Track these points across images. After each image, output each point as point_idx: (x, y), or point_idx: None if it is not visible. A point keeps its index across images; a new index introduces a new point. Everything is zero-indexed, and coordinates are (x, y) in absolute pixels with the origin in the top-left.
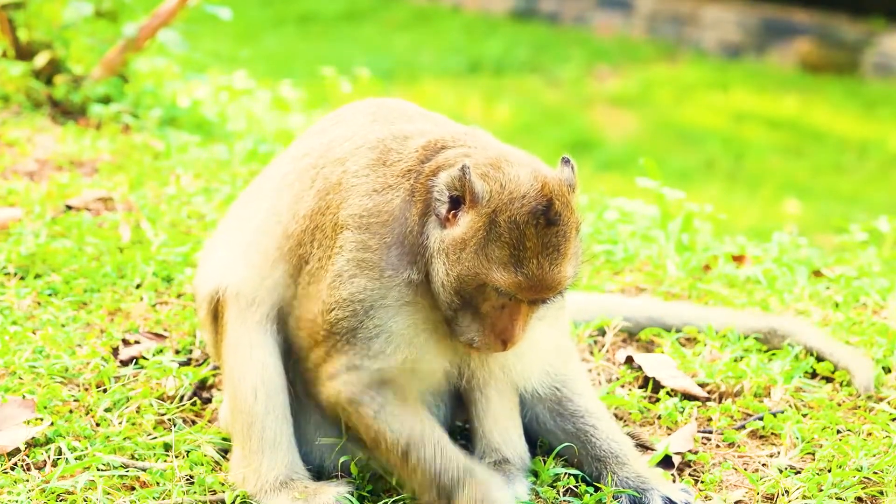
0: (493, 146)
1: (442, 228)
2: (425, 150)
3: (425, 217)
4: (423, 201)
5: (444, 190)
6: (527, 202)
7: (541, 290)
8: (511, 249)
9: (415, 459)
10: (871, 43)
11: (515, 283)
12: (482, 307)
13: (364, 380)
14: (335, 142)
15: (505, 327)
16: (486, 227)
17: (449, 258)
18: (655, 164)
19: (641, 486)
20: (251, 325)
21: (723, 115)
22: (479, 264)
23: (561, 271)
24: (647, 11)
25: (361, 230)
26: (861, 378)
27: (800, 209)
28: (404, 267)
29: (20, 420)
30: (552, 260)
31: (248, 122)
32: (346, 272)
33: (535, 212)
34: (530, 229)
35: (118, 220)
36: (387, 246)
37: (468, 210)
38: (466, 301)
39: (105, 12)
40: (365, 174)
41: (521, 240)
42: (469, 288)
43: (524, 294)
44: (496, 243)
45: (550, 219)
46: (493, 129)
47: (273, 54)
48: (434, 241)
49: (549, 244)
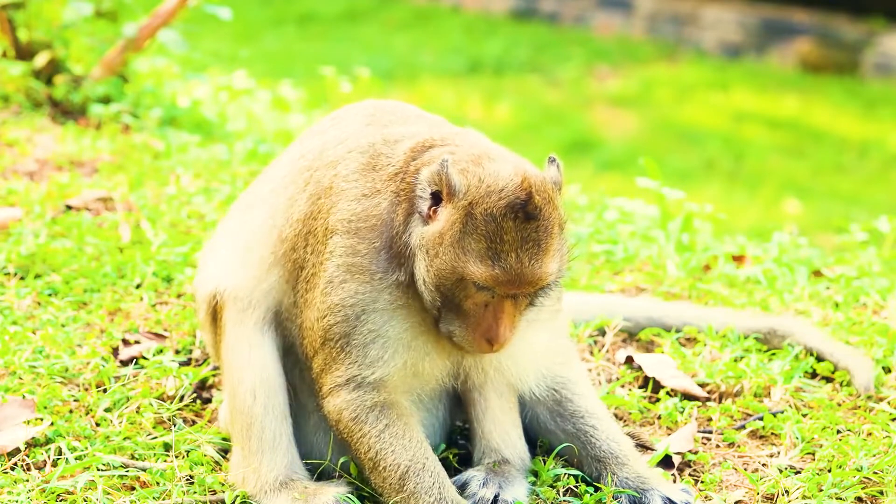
0: (479, 145)
1: (424, 225)
2: (413, 151)
3: (410, 216)
4: (408, 200)
5: (425, 186)
6: (505, 195)
7: (520, 284)
8: (488, 242)
9: (412, 486)
10: (871, 43)
11: (492, 276)
12: (465, 305)
13: (367, 400)
14: (329, 144)
15: (489, 326)
16: (463, 219)
17: (428, 253)
18: (655, 164)
19: (641, 486)
20: (249, 327)
21: (723, 115)
22: (456, 257)
23: (541, 266)
24: (647, 11)
25: (350, 235)
26: (861, 378)
27: (800, 209)
28: (393, 269)
29: (20, 420)
30: (532, 255)
31: (248, 122)
32: (337, 277)
33: (514, 205)
34: (508, 223)
35: (118, 220)
36: (376, 250)
37: (446, 204)
38: (448, 298)
39: (105, 12)
40: (354, 179)
41: (498, 233)
42: (448, 283)
43: (502, 288)
44: (472, 236)
45: (529, 213)
46: (493, 129)
47: (273, 54)
48: (416, 237)
49: (528, 238)
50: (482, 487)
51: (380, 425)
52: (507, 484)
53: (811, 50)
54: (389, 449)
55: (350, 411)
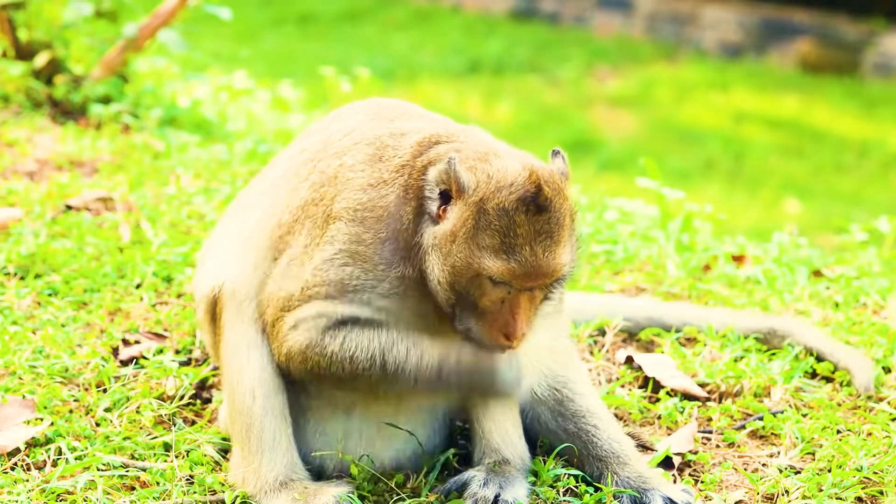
0: (485, 142)
1: (434, 225)
2: (420, 145)
3: (420, 216)
4: (417, 199)
5: (433, 186)
6: (515, 189)
7: (537, 276)
8: (501, 237)
9: (392, 365)
10: (871, 43)
11: (509, 269)
12: (481, 302)
13: (323, 324)
14: (333, 137)
15: (507, 321)
16: (475, 216)
17: (441, 252)
18: (655, 164)
19: (642, 486)
20: (248, 326)
21: (723, 115)
22: (471, 254)
23: (556, 257)
24: (647, 11)
25: (356, 223)
26: (861, 378)
27: (800, 209)
28: (397, 262)
29: (20, 420)
30: (545, 246)
31: (248, 122)
32: (338, 259)
33: (525, 198)
34: (520, 216)
35: (118, 220)
36: (381, 241)
37: (456, 202)
38: (464, 296)
39: (105, 12)
40: (361, 168)
41: (511, 227)
42: (463, 280)
43: (519, 282)
44: (486, 231)
45: (540, 205)
46: (493, 129)
47: (273, 54)
48: (427, 238)
49: (541, 231)
50: (483, 487)
51: (339, 337)
52: (507, 484)
53: (811, 50)
54: (356, 346)
55: (305, 339)
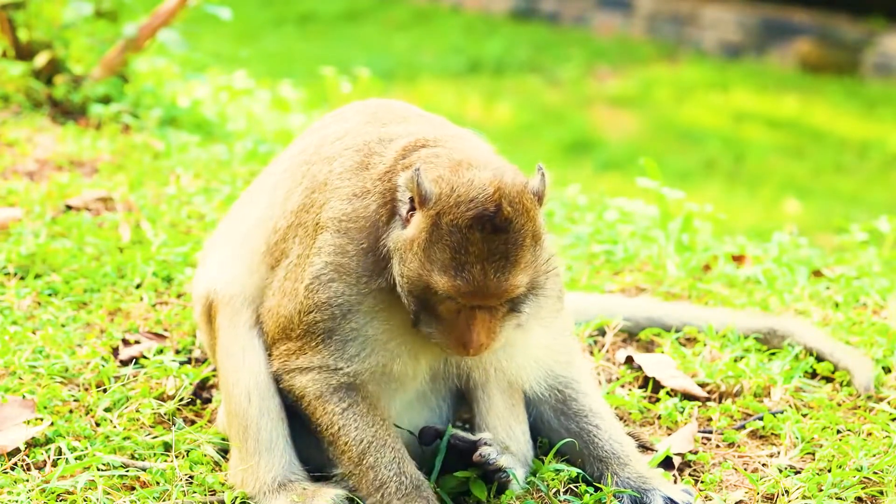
0: (468, 149)
1: (402, 229)
2: (404, 150)
3: (392, 218)
4: (392, 201)
5: (404, 190)
6: (473, 206)
7: (484, 296)
8: (452, 253)
9: (371, 461)
10: (871, 43)
11: (454, 287)
12: (439, 310)
13: (334, 381)
14: (327, 139)
15: (462, 332)
16: (430, 228)
17: (401, 259)
18: (655, 164)
19: (643, 486)
20: (242, 329)
21: (723, 115)
22: (422, 265)
23: (509, 279)
24: (647, 11)
25: (340, 234)
26: (861, 378)
27: (800, 209)
28: (378, 273)
29: (20, 420)
30: (498, 267)
31: (248, 122)
32: (325, 276)
33: (481, 217)
34: (474, 234)
35: (118, 220)
36: (363, 252)
37: (419, 210)
38: (422, 303)
39: (105, 12)
40: (347, 177)
41: (462, 244)
42: (417, 290)
43: (465, 299)
44: (437, 245)
45: (497, 225)
46: (493, 130)
47: (273, 54)
48: (392, 240)
49: (495, 251)
50: (489, 447)
51: (343, 404)
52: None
53: (811, 50)
54: (352, 426)
55: (315, 389)
